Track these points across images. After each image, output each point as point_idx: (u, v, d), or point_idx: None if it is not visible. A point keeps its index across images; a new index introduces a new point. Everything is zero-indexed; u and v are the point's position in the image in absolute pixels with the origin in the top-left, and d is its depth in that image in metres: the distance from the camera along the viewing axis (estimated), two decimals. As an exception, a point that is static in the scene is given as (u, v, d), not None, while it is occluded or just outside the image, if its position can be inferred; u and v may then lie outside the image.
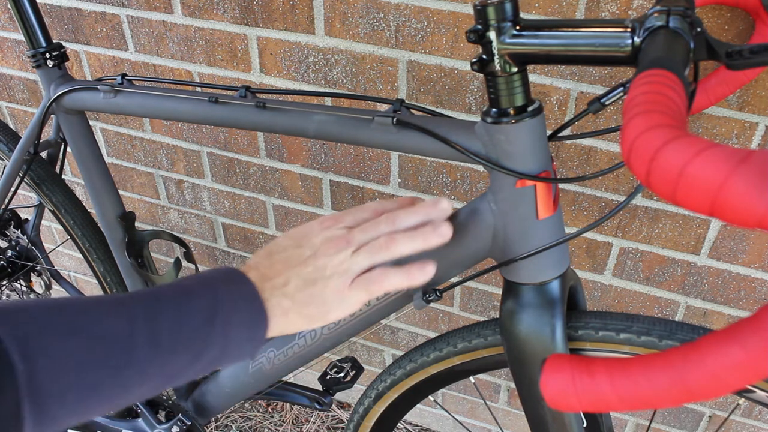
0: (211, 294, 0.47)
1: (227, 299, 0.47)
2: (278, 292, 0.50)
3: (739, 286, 0.96)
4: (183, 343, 0.44)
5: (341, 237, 0.52)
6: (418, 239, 0.52)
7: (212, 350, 0.46)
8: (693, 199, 0.28)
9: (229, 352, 0.47)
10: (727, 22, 0.75)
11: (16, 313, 0.38)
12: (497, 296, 1.17)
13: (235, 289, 0.49)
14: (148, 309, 0.44)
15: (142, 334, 0.42)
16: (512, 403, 1.32)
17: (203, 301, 0.46)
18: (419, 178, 1.07)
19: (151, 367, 0.43)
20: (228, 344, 0.47)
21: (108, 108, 0.79)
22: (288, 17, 0.99)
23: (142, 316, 0.43)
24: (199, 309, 0.46)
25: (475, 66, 0.50)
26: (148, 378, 0.43)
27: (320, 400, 0.93)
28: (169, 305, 0.45)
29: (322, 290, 0.50)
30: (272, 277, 0.51)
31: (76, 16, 1.17)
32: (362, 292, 0.51)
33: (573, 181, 0.55)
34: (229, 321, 0.47)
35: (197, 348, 0.45)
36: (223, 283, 0.48)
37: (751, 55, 0.39)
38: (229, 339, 0.47)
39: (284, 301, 0.50)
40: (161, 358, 0.43)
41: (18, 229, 1.18)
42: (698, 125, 0.85)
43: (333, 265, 0.51)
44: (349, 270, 0.51)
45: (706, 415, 1.13)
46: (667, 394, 0.33)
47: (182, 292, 0.46)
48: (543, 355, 0.59)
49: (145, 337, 0.43)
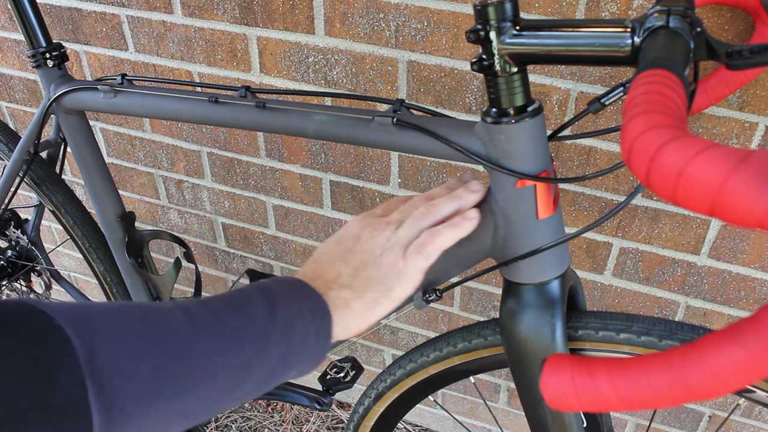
0: (265, 292, 0.45)
1: (283, 295, 0.46)
2: (334, 285, 0.49)
3: (739, 286, 0.96)
4: (244, 332, 0.42)
5: (379, 221, 0.52)
6: (456, 198, 0.52)
7: (279, 345, 0.44)
8: (693, 199, 0.28)
9: (297, 349, 0.45)
10: (727, 22, 0.75)
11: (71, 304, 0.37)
12: (497, 296, 1.17)
13: (289, 288, 0.47)
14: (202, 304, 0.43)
15: (199, 321, 0.41)
16: (512, 403, 1.32)
17: (260, 297, 0.45)
18: (419, 178, 1.07)
19: (215, 354, 0.40)
20: (294, 339, 0.44)
21: (108, 108, 0.79)
22: (288, 17, 0.99)
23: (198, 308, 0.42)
24: (257, 304, 0.44)
25: (475, 66, 0.50)
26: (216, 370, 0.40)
27: (320, 400, 0.93)
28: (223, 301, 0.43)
29: (376, 270, 0.49)
30: (322, 275, 0.49)
31: (76, 16, 1.17)
32: (418, 258, 0.50)
33: (573, 181, 0.55)
34: (290, 314, 0.45)
35: (261, 339, 0.43)
36: (276, 284, 0.47)
37: (751, 55, 0.39)
38: (294, 333, 0.44)
39: (342, 292, 0.48)
40: (224, 345, 0.41)
41: (18, 229, 1.18)
42: (698, 125, 0.85)
43: (380, 244, 0.50)
44: (397, 242, 0.50)
45: (706, 415, 1.13)
46: (667, 394, 0.33)
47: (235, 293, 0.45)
48: (543, 355, 0.59)
49: (204, 324, 0.41)
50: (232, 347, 0.41)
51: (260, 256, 1.37)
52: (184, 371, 0.38)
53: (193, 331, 0.40)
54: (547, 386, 0.38)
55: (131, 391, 0.35)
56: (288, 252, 1.32)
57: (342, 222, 1.20)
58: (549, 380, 0.38)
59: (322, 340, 0.46)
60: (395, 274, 0.49)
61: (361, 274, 0.49)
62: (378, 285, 0.49)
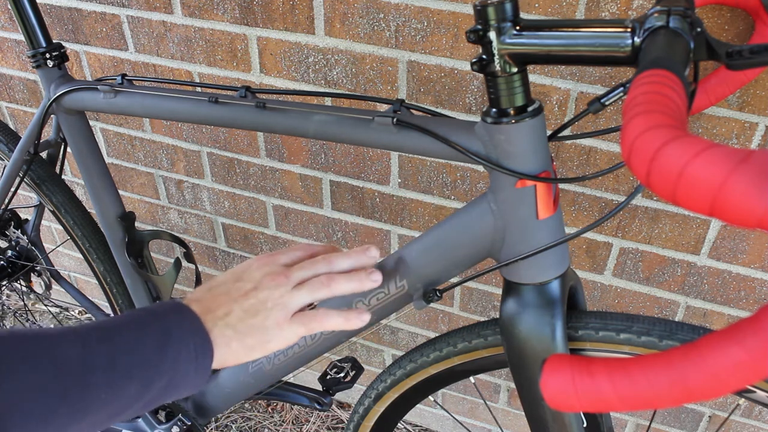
0: (161, 324, 0.49)
1: (176, 328, 0.49)
2: (221, 323, 0.51)
3: (739, 286, 0.96)
4: (136, 368, 0.46)
5: (281, 272, 0.54)
6: (355, 281, 0.55)
7: (162, 378, 0.47)
8: (693, 200, 0.28)
9: (177, 382, 0.49)
10: (727, 22, 0.75)
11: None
12: (497, 296, 1.17)
13: (181, 320, 0.50)
14: (102, 335, 0.45)
15: (98, 357, 0.44)
16: (512, 403, 1.32)
17: (155, 331, 0.48)
18: (419, 178, 1.07)
19: (105, 391, 0.44)
20: (177, 373, 0.48)
21: (108, 108, 0.79)
22: (288, 17, 0.99)
23: (96, 340, 0.45)
24: (152, 337, 0.47)
25: (475, 66, 0.50)
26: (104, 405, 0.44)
27: (320, 400, 0.93)
28: (123, 332, 0.47)
29: (263, 321, 0.52)
30: (214, 309, 0.52)
31: (76, 16, 1.17)
32: (301, 327, 0.53)
33: (573, 181, 0.55)
34: (179, 350, 0.48)
35: (149, 375, 0.46)
36: (171, 313, 0.50)
37: (751, 55, 0.39)
38: (178, 367, 0.48)
39: (227, 331, 0.51)
40: (116, 383, 0.44)
41: (18, 229, 1.18)
42: (698, 125, 0.85)
43: (274, 298, 0.53)
44: (289, 304, 0.53)
45: (706, 415, 1.13)
46: (667, 394, 0.33)
47: (135, 322, 0.48)
48: (543, 355, 0.59)
49: (103, 360, 0.44)
50: (122, 384, 0.45)
51: (260, 256, 1.37)
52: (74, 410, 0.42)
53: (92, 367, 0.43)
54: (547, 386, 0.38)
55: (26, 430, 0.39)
56: (288, 252, 1.32)
57: (342, 222, 1.20)
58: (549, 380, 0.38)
59: (201, 375, 0.50)
60: (277, 331, 0.53)
61: (248, 320, 0.52)
62: (259, 335, 0.52)
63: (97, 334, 0.45)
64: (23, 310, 1.80)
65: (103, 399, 0.44)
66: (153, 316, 0.49)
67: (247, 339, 0.52)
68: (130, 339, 0.46)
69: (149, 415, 0.98)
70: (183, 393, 0.50)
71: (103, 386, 0.44)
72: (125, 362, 0.45)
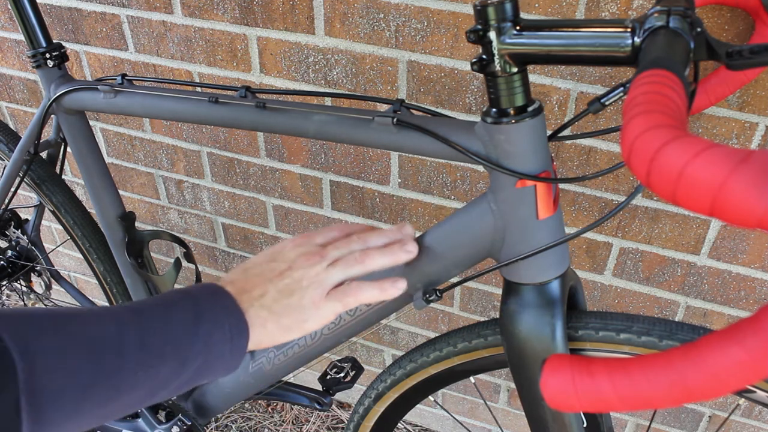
0: (193, 305, 0.48)
1: (208, 309, 0.49)
2: (257, 303, 0.51)
3: (739, 286, 0.96)
4: (169, 348, 0.46)
5: (315, 252, 0.54)
6: (389, 255, 0.55)
7: (197, 359, 0.47)
8: (693, 200, 0.28)
9: (212, 363, 0.48)
10: (727, 22, 0.75)
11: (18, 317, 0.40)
12: (497, 296, 1.17)
13: (215, 301, 0.50)
14: (135, 315, 0.46)
15: (131, 338, 0.44)
16: (512, 403, 1.32)
17: (186, 311, 0.48)
18: (419, 178, 1.07)
19: (140, 370, 0.44)
20: (211, 353, 0.48)
21: (108, 108, 0.79)
22: (288, 17, 0.99)
23: (131, 321, 0.45)
24: (183, 317, 0.47)
25: (475, 66, 0.50)
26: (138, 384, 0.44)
27: (320, 400, 0.93)
28: (154, 313, 0.47)
29: (299, 301, 0.52)
30: (249, 290, 0.52)
31: (76, 16, 1.17)
32: (337, 304, 0.53)
33: (573, 181, 0.55)
34: (211, 330, 0.48)
35: (183, 354, 0.46)
36: (204, 295, 0.50)
37: (751, 55, 0.39)
38: (212, 348, 0.48)
39: (262, 312, 0.51)
40: (149, 363, 0.44)
41: (18, 229, 1.18)
42: (698, 125, 0.85)
43: (309, 276, 0.53)
44: (324, 281, 0.53)
45: (706, 415, 1.13)
46: (667, 394, 0.33)
47: (166, 302, 0.48)
48: (543, 355, 0.59)
49: (134, 340, 0.44)
50: (155, 363, 0.45)
51: (260, 256, 1.37)
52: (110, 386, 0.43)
53: (124, 347, 0.43)
54: (547, 386, 0.38)
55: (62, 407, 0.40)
56: (288, 252, 1.32)
57: (342, 222, 1.20)
58: (549, 380, 0.38)
59: (236, 355, 0.50)
60: (314, 309, 0.53)
61: (284, 300, 0.52)
62: (296, 315, 0.52)
63: (128, 315, 0.45)
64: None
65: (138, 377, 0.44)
66: (185, 296, 0.49)
67: (283, 319, 0.51)
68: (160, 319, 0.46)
69: (149, 414, 0.99)
70: (220, 373, 0.50)
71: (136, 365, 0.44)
72: (156, 342, 0.45)
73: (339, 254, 0.54)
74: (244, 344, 0.50)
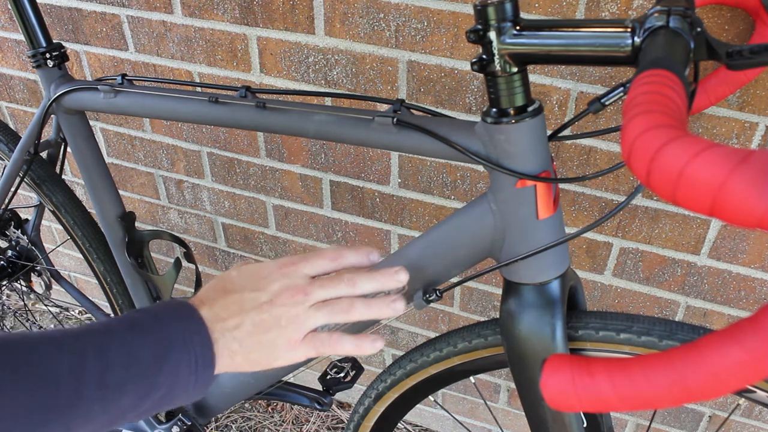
0: (161, 330, 0.47)
1: (177, 337, 0.47)
2: (229, 335, 0.49)
3: (739, 286, 0.96)
4: (131, 382, 0.44)
5: (300, 288, 0.52)
6: (374, 309, 0.52)
7: (159, 391, 0.46)
8: (693, 200, 0.28)
9: (175, 394, 0.47)
10: (727, 22, 0.75)
11: None
12: (497, 296, 1.17)
13: (185, 328, 0.48)
14: (98, 344, 0.43)
15: (91, 373, 0.42)
16: (512, 403, 1.32)
17: (154, 338, 0.46)
18: (419, 178, 1.07)
19: (96, 405, 0.42)
20: (175, 386, 0.46)
21: (108, 108, 0.79)
22: (288, 17, 0.99)
23: (92, 351, 0.43)
24: (150, 346, 0.45)
25: (475, 66, 0.50)
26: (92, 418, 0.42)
27: (320, 400, 0.93)
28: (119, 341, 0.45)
29: (274, 339, 0.50)
30: (225, 318, 0.50)
31: (76, 16, 1.17)
32: (311, 350, 0.52)
33: (573, 181, 0.55)
34: (178, 363, 0.46)
35: (145, 388, 0.45)
36: (175, 319, 0.48)
37: (752, 55, 0.39)
38: (177, 381, 0.46)
39: (233, 345, 0.49)
40: (108, 398, 0.43)
41: (18, 229, 1.18)
42: (698, 125, 0.85)
43: (289, 316, 0.50)
44: (304, 324, 0.51)
45: (706, 415, 1.13)
46: (667, 394, 0.33)
47: (133, 327, 0.46)
48: (543, 355, 0.59)
49: (94, 375, 0.42)
50: (115, 399, 0.43)
51: (260, 256, 1.37)
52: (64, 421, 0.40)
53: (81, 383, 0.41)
54: (547, 386, 0.38)
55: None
56: (288, 252, 1.32)
57: (342, 222, 1.20)
58: (549, 380, 0.37)
59: (201, 387, 0.48)
60: (286, 350, 0.51)
61: (259, 335, 0.50)
62: (266, 351, 0.50)
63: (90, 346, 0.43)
64: (23, 310, 1.81)
65: (96, 411, 0.42)
66: (155, 319, 0.47)
67: (253, 354, 0.50)
68: (125, 352, 0.44)
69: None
70: (180, 403, 0.48)
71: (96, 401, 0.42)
72: (119, 377, 0.43)
73: (324, 296, 0.52)
74: (209, 376, 0.49)
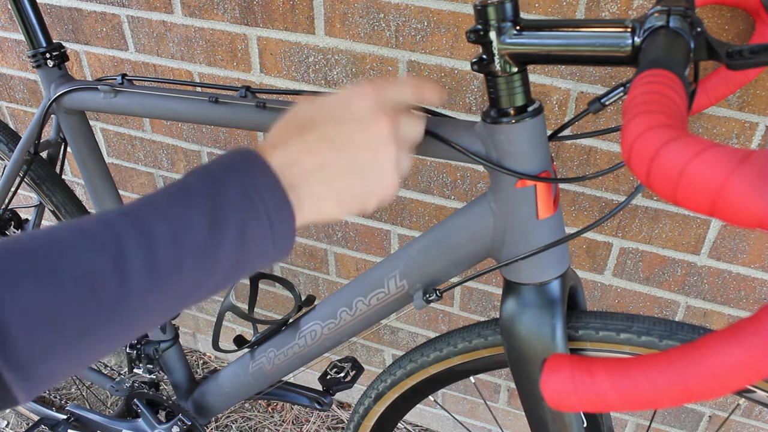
0: (215, 193, 0.38)
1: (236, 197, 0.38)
2: (313, 179, 0.41)
3: (739, 286, 0.96)
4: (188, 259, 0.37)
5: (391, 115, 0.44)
6: None
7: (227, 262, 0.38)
8: (693, 199, 0.28)
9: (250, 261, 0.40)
10: (728, 22, 0.75)
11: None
12: (497, 296, 1.17)
13: (248, 183, 0.39)
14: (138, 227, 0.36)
15: (134, 261, 0.34)
16: (512, 403, 1.32)
17: (206, 205, 0.37)
18: (419, 178, 1.07)
19: (150, 295, 0.35)
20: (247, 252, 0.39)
21: (108, 108, 0.79)
22: (288, 17, 0.99)
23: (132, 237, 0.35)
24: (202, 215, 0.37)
25: (475, 66, 0.50)
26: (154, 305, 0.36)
27: (320, 400, 0.93)
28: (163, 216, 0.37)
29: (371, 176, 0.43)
30: (304, 161, 0.41)
31: (76, 16, 1.17)
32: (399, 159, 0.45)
33: (573, 181, 0.55)
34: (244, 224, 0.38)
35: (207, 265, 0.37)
36: (235, 175, 0.39)
37: (752, 55, 0.39)
38: (247, 245, 0.39)
39: (319, 188, 0.42)
40: (163, 283, 0.36)
41: (18, 229, 1.18)
42: (698, 125, 0.85)
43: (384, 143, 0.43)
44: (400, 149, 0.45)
45: (706, 415, 1.13)
46: (667, 394, 0.33)
47: (179, 195, 0.38)
48: (543, 355, 0.59)
49: (139, 262, 0.35)
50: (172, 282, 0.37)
51: (260, 256, 1.37)
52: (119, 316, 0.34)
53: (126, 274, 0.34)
54: (547, 386, 0.38)
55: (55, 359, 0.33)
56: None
57: (342, 222, 1.21)
58: (549, 380, 0.38)
59: (282, 246, 0.41)
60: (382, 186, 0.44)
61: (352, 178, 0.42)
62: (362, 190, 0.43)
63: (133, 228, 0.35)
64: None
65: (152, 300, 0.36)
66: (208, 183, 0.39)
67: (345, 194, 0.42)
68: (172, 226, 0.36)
69: (149, 414, 0.99)
70: (264, 266, 0.41)
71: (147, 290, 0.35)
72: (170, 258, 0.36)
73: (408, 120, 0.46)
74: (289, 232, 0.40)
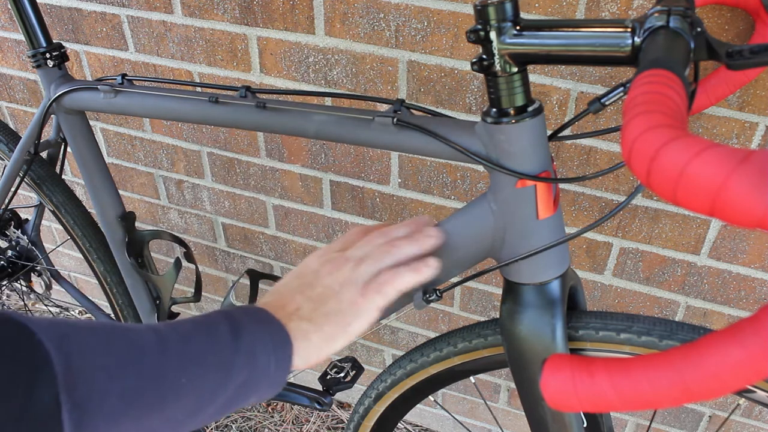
0: (229, 321, 0.47)
1: (246, 323, 0.47)
2: (294, 317, 0.49)
3: (739, 286, 0.96)
4: (212, 357, 0.44)
5: (339, 257, 0.53)
6: (414, 242, 0.53)
7: (241, 373, 0.45)
8: (693, 199, 0.28)
9: (257, 378, 0.46)
10: (728, 22, 0.75)
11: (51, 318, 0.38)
12: (497, 296, 1.17)
13: (251, 316, 0.48)
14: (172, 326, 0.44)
15: (171, 345, 0.42)
16: (512, 403, 1.32)
17: (225, 324, 0.46)
18: (419, 178, 1.07)
19: (183, 376, 0.42)
20: (255, 368, 0.46)
21: (108, 108, 0.79)
22: (288, 17, 0.99)
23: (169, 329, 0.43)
24: (222, 330, 0.45)
25: (475, 66, 0.50)
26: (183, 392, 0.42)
27: (320, 400, 0.93)
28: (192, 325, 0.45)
29: (336, 305, 0.50)
30: (284, 306, 0.50)
31: (76, 16, 1.17)
32: (377, 297, 0.51)
33: (573, 181, 0.55)
34: (253, 342, 0.46)
35: (226, 366, 0.44)
36: (239, 312, 0.48)
37: (752, 55, 0.39)
38: (256, 361, 0.46)
39: (302, 324, 0.49)
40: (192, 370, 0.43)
41: (18, 229, 1.18)
42: (698, 125, 0.85)
43: (340, 281, 0.51)
44: (356, 279, 0.51)
45: (706, 415, 1.13)
46: (667, 394, 0.33)
47: (203, 318, 0.47)
48: (543, 355, 0.59)
49: (175, 347, 0.42)
50: (199, 372, 0.43)
51: (260, 256, 1.37)
52: (153, 391, 0.40)
53: (164, 353, 0.41)
54: (547, 386, 0.38)
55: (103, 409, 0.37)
56: (288, 252, 1.32)
57: (342, 222, 1.21)
58: (549, 380, 0.38)
59: (282, 369, 0.47)
60: (354, 310, 0.50)
61: (320, 308, 0.50)
62: (337, 319, 0.50)
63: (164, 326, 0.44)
64: (23, 310, 1.81)
65: (182, 385, 0.42)
66: (220, 314, 0.47)
67: (326, 327, 0.49)
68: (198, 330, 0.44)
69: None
70: (265, 391, 0.47)
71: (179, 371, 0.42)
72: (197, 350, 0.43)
73: (363, 253, 0.53)
74: (288, 356, 0.48)
